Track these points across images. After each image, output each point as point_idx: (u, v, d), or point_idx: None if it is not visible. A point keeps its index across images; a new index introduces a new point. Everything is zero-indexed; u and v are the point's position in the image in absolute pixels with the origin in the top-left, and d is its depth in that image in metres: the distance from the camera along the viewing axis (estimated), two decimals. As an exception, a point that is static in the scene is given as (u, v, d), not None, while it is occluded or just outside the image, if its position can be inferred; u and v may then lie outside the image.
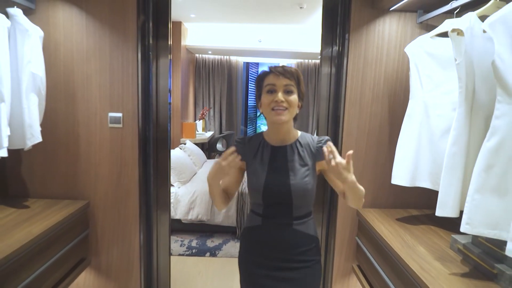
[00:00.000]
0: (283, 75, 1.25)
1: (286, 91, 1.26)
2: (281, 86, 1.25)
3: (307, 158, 1.33)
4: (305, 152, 1.34)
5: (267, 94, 1.27)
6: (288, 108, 1.25)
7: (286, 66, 1.29)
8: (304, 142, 1.36)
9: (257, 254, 1.36)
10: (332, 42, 2.14)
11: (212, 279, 2.76)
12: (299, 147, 1.34)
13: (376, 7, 1.96)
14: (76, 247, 1.99)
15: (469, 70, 1.28)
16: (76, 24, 1.99)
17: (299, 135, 1.38)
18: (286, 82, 1.25)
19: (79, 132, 2.06)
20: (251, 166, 1.36)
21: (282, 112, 1.25)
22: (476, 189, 1.17)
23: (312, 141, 1.36)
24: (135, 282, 2.22)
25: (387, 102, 2.04)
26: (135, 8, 1.98)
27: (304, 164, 1.32)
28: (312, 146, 1.35)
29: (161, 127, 2.25)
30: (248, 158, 1.37)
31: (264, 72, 1.32)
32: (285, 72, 1.26)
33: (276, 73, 1.26)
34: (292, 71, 1.28)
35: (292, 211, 1.32)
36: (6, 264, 1.38)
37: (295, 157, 1.33)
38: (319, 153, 1.33)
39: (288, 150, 1.34)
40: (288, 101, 1.25)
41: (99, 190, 2.12)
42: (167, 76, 2.21)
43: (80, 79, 2.03)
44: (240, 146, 1.38)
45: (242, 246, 1.45)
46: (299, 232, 1.33)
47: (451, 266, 1.39)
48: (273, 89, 1.26)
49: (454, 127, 1.33)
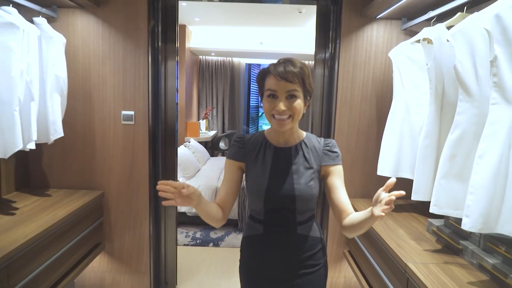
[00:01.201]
0: (285, 79, 1.11)
1: (290, 96, 1.13)
2: (283, 92, 1.13)
3: (312, 160, 1.24)
4: (311, 155, 1.25)
5: (268, 98, 1.16)
6: (292, 115, 1.15)
7: (288, 64, 1.13)
8: (310, 144, 1.27)
9: (259, 265, 1.27)
10: (325, 46, 2.34)
11: (215, 266, 2.97)
12: (304, 149, 1.25)
13: (364, 15, 2.16)
14: (92, 233, 2.20)
15: (438, 73, 1.47)
16: (93, 31, 2.20)
17: (304, 136, 1.29)
18: (289, 87, 1.12)
19: (95, 128, 2.27)
20: (252, 169, 1.25)
21: (284, 120, 1.15)
22: (442, 176, 1.37)
23: (318, 143, 1.28)
24: (145, 266, 2.42)
25: (375, 101, 2.24)
26: (146, 16, 2.19)
27: (309, 167, 1.23)
28: (319, 149, 1.26)
29: (169, 125, 2.46)
30: (248, 160, 1.27)
31: (264, 71, 1.19)
32: (287, 75, 1.11)
33: (276, 77, 1.12)
34: (295, 72, 1.12)
35: (296, 216, 1.23)
36: (36, 242, 1.58)
37: (299, 160, 1.23)
38: (325, 156, 1.25)
39: (292, 151, 1.24)
40: (291, 108, 1.13)
41: (113, 181, 2.32)
42: (175, 77, 2.42)
43: (96, 80, 2.24)
44: (239, 146, 1.29)
45: (243, 256, 1.35)
46: (303, 236, 1.25)
47: (425, 244, 1.58)
48: (273, 94, 1.14)
49: (426, 123, 1.53)
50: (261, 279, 1.27)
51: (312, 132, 2.37)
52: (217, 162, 4.79)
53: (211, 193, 3.69)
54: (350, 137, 2.27)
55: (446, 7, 1.61)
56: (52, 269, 1.74)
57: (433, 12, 1.74)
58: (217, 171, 4.24)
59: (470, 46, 1.25)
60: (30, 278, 1.54)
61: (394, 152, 1.92)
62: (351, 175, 2.27)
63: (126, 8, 2.18)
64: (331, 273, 2.41)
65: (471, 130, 1.29)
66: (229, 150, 1.31)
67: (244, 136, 1.31)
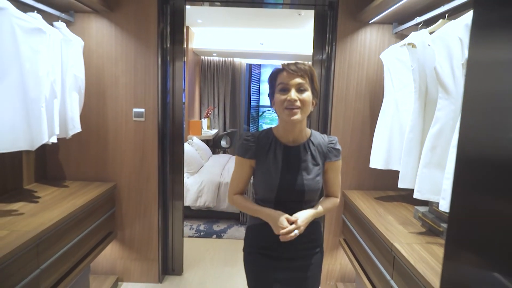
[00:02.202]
0: (296, 73, 1.23)
1: (299, 89, 1.24)
2: (294, 84, 1.24)
3: (318, 158, 1.36)
4: (317, 152, 1.36)
5: (280, 92, 1.26)
6: (301, 107, 1.25)
7: (299, 63, 1.27)
8: (316, 142, 1.37)
9: (265, 249, 1.38)
10: (322, 48, 2.51)
11: (219, 256, 3.14)
12: (311, 147, 1.36)
13: (359, 19, 2.33)
14: (105, 222, 2.36)
15: (421, 74, 1.64)
16: (107, 33, 2.37)
17: (310, 134, 1.39)
18: (299, 80, 1.24)
19: (108, 124, 2.44)
20: (262, 165, 1.35)
21: (296, 111, 1.24)
22: (423, 165, 1.54)
23: (323, 140, 1.39)
24: (154, 254, 2.59)
25: (368, 99, 2.41)
26: (156, 19, 2.36)
27: (316, 164, 1.35)
28: (324, 146, 1.37)
29: (177, 123, 2.63)
30: (259, 157, 1.36)
31: (276, 69, 1.31)
32: (298, 70, 1.24)
33: (288, 71, 1.24)
34: (305, 69, 1.26)
35: (302, 207, 1.35)
36: (60, 226, 1.75)
37: (308, 157, 1.34)
38: (329, 153, 1.37)
39: (301, 150, 1.35)
40: (301, 100, 1.24)
41: (124, 174, 2.49)
42: (182, 77, 2.59)
43: (109, 79, 2.41)
44: (249, 144, 1.36)
45: (249, 243, 1.46)
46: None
47: (411, 228, 1.75)
48: (285, 87, 1.25)
49: (411, 118, 1.70)
50: (266, 258, 1.38)
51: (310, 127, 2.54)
52: (219, 159, 4.96)
53: (214, 187, 3.86)
54: (345, 133, 2.45)
55: (430, 14, 1.78)
56: (72, 253, 1.91)
57: (420, 18, 1.91)
58: (220, 168, 4.40)
59: (447, 50, 1.43)
60: (54, 258, 1.71)
61: (385, 146, 2.09)
62: (346, 168, 2.44)
63: (137, 13, 2.35)
64: (327, 261, 2.58)
65: (449, 124, 1.46)
66: (240, 148, 1.38)
67: (253, 133, 1.39)
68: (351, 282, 2.62)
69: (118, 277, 2.59)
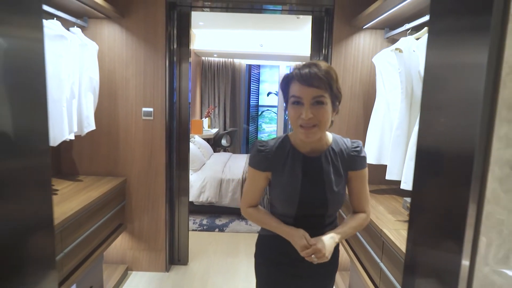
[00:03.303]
0: (310, 85, 1.05)
1: (316, 102, 1.07)
2: (309, 99, 1.07)
3: (341, 167, 1.22)
4: (339, 161, 1.22)
5: (293, 105, 1.10)
6: (317, 124, 1.09)
7: (313, 68, 1.07)
8: (338, 149, 1.23)
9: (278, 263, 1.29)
10: (319, 51, 2.68)
11: (221, 247, 3.31)
12: (333, 156, 1.22)
13: (353, 25, 2.50)
14: (116, 214, 2.53)
15: (408, 76, 1.82)
16: (118, 38, 2.53)
17: (331, 141, 1.24)
18: (315, 93, 1.06)
19: (119, 123, 2.61)
20: (280, 178, 1.22)
21: (310, 130, 1.09)
22: (409, 158, 1.72)
23: (345, 146, 1.24)
24: (161, 245, 2.76)
25: (362, 100, 2.58)
26: (164, 25, 2.52)
27: (339, 174, 1.22)
28: (346, 153, 1.23)
29: (183, 121, 2.80)
30: (275, 169, 1.23)
31: (288, 76, 1.14)
32: (312, 80, 1.05)
33: (301, 83, 1.07)
34: (321, 77, 1.06)
35: (325, 220, 1.25)
36: (79, 215, 1.92)
37: (330, 168, 1.21)
38: (353, 162, 1.23)
39: (322, 160, 1.21)
40: (317, 116, 1.08)
41: (134, 169, 2.66)
42: (188, 77, 2.76)
43: (120, 81, 2.57)
44: (264, 155, 1.23)
45: (261, 253, 1.35)
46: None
47: (399, 217, 1.93)
48: (299, 101, 1.08)
49: (398, 116, 1.88)
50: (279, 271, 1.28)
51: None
52: (220, 157, 5.12)
53: (216, 184, 4.03)
54: (341, 130, 2.62)
55: (417, 22, 1.95)
56: (88, 241, 2.07)
57: (409, 24, 2.08)
58: (221, 165, 4.57)
59: (430, 55, 1.60)
60: (74, 245, 1.87)
61: (376, 143, 2.26)
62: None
63: (146, 18, 2.51)
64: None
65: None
66: (253, 159, 1.26)
67: (267, 142, 1.25)
68: (346, 270, 2.79)
69: (128, 266, 2.76)
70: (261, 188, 1.30)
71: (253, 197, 1.30)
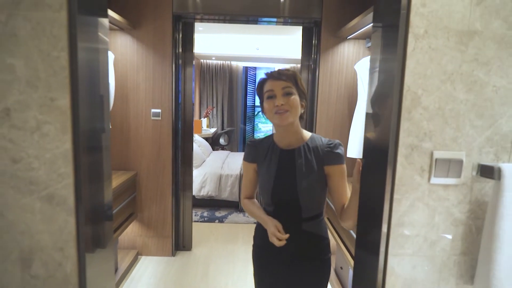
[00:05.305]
0: (279, 79, 1.28)
1: (285, 93, 1.27)
2: (279, 90, 1.27)
3: (314, 162, 1.31)
4: (313, 156, 1.32)
5: (268, 100, 1.29)
6: (289, 109, 1.26)
7: (281, 70, 1.32)
8: (313, 145, 1.34)
9: (269, 250, 1.37)
10: (308, 58, 3.01)
11: (221, 236, 3.62)
12: (306, 151, 1.33)
13: (338, 36, 2.82)
14: (128, 204, 2.83)
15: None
16: (130, 46, 2.84)
17: (308, 138, 1.36)
18: (284, 84, 1.27)
19: (130, 122, 2.91)
20: (261, 169, 1.39)
21: (284, 114, 1.26)
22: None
23: (321, 143, 1.34)
24: (168, 232, 3.07)
25: (346, 101, 2.91)
26: (171, 34, 2.83)
27: (311, 167, 1.31)
28: (321, 149, 1.32)
29: (187, 121, 3.11)
30: (259, 161, 1.41)
31: (262, 79, 1.36)
32: (280, 75, 1.28)
33: (272, 78, 1.29)
34: (287, 73, 1.30)
35: (301, 212, 1.33)
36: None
37: (302, 161, 1.31)
38: (327, 157, 1.31)
39: (295, 154, 1.33)
40: (288, 103, 1.26)
41: (144, 164, 2.97)
42: (192, 80, 3.07)
43: (131, 85, 2.88)
44: (251, 149, 1.44)
45: (255, 242, 1.49)
46: (308, 233, 1.35)
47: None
48: (272, 94, 1.28)
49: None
50: (269, 263, 1.41)
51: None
52: (219, 155, 5.44)
53: (216, 179, 4.34)
54: (328, 129, 2.94)
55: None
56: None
57: (385, 37, 2.41)
58: (220, 162, 4.88)
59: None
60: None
61: (358, 139, 2.59)
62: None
63: (155, 30, 2.82)
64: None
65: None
66: (245, 153, 1.47)
67: (255, 140, 1.46)
68: (333, 254, 3.12)
69: (138, 251, 3.06)
70: (252, 179, 1.46)
71: (247, 188, 1.48)
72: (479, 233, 0.96)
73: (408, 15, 0.89)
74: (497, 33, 0.90)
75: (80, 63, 0.93)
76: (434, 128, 0.91)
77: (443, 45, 0.90)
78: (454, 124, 0.92)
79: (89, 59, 1.00)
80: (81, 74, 0.94)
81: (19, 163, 0.94)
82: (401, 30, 0.88)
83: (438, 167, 0.92)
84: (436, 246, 0.97)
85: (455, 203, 0.95)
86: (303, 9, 2.83)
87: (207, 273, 2.89)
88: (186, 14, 2.87)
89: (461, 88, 0.91)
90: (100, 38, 1.07)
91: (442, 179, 0.93)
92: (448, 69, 0.90)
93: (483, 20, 0.89)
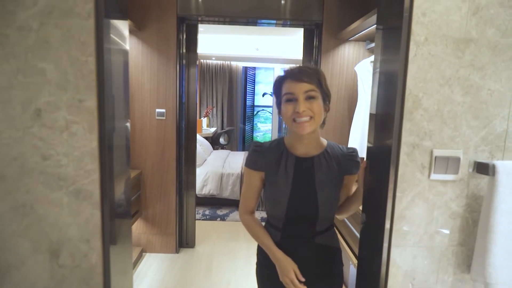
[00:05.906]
0: (301, 80, 1.11)
1: (308, 97, 1.12)
2: (301, 93, 1.11)
3: (336, 171, 1.21)
4: (334, 165, 1.21)
5: (287, 103, 1.14)
6: (312, 116, 1.12)
7: (303, 68, 1.14)
8: (333, 153, 1.23)
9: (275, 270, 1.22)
10: (310, 58, 3.09)
11: (223, 233, 3.70)
12: (327, 159, 1.22)
13: (339, 38, 2.90)
14: (133, 202, 2.90)
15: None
16: (135, 48, 2.90)
17: (326, 145, 1.25)
18: (306, 88, 1.11)
19: (135, 122, 2.98)
20: (272, 177, 1.23)
21: (305, 123, 1.11)
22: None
23: (341, 151, 1.24)
24: (172, 230, 3.14)
25: (347, 102, 2.99)
26: (175, 36, 2.89)
27: (333, 177, 1.21)
28: (342, 158, 1.23)
29: (191, 121, 3.18)
30: (268, 169, 1.24)
31: (280, 77, 1.19)
32: (302, 75, 1.11)
33: (293, 79, 1.12)
34: (310, 72, 1.13)
35: (316, 226, 1.22)
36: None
37: (322, 170, 1.20)
38: (349, 166, 1.23)
39: (315, 162, 1.21)
40: (311, 109, 1.11)
41: (148, 163, 3.03)
42: (195, 81, 3.14)
43: (137, 85, 2.94)
44: (258, 155, 1.25)
45: (259, 260, 1.34)
46: (320, 246, 1.24)
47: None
48: (292, 97, 1.12)
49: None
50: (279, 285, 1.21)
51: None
52: (219, 154, 5.51)
53: (217, 178, 4.42)
54: (329, 130, 3.02)
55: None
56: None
57: (384, 39, 2.50)
58: (221, 161, 4.95)
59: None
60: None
61: (358, 139, 2.67)
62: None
63: (159, 32, 2.89)
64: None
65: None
66: (248, 159, 1.28)
67: (263, 144, 1.28)
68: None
69: (143, 248, 3.13)
70: (257, 190, 1.28)
71: (249, 200, 1.29)
72: (475, 225, 1.04)
73: (410, 23, 0.96)
74: (492, 41, 0.98)
75: (106, 66, 1.00)
76: (434, 128, 0.99)
77: (442, 52, 0.98)
78: (452, 125, 1.00)
79: (113, 62, 1.07)
80: (106, 77, 1.01)
81: (49, 160, 1.01)
82: (403, 37, 0.96)
83: (437, 164, 1.00)
84: (435, 237, 1.05)
85: (453, 198, 1.03)
86: (304, 12, 2.91)
87: (210, 269, 2.96)
88: (190, 16, 2.94)
89: (458, 91, 0.99)
90: (122, 40, 1.14)
91: (441, 175, 1.01)
92: (446, 74, 0.98)
93: (478, 28, 0.97)
